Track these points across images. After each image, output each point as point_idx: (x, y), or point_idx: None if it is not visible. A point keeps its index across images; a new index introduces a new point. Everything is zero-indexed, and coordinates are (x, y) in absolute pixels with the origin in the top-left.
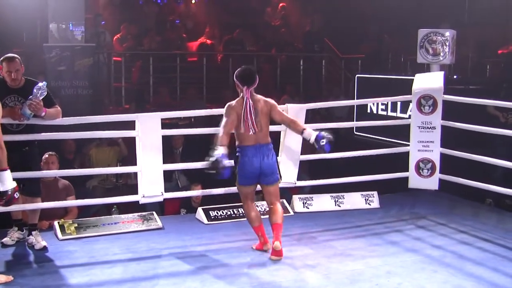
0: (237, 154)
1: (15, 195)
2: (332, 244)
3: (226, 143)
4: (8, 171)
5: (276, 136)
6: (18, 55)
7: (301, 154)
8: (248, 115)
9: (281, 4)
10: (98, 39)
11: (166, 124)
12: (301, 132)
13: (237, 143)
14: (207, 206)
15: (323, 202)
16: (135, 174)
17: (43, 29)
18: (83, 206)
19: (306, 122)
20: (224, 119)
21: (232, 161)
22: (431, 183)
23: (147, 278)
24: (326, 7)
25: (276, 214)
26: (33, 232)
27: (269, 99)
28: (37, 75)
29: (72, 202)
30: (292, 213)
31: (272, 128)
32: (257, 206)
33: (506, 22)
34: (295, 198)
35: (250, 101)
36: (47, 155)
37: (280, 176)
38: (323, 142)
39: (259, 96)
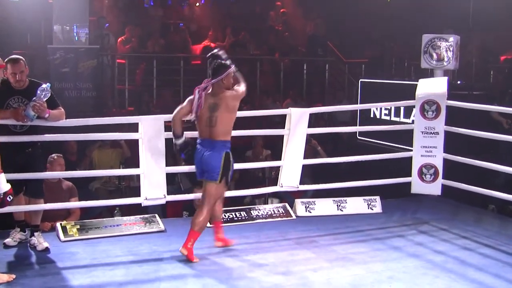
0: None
1: (7, 198)
2: (334, 248)
3: (179, 131)
4: (3, 174)
5: (279, 140)
6: (22, 57)
7: (304, 158)
8: (195, 101)
9: (282, 10)
10: (102, 41)
11: (170, 126)
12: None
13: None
14: None
15: (326, 207)
16: (138, 176)
17: (47, 31)
18: (86, 207)
19: (309, 126)
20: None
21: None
22: (434, 188)
23: (149, 280)
24: (330, 12)
25: (196, 218)
26: (35, 233)
27: (233, 91)
28: (41, 76)
29: (74, 204)
30: (294, 217)
31: (276, 131)
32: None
33: (510, 29)
34: (298, 202)
35: (200, 91)
36: (55, 157)
37: (220, 180)
38: None
39: (228, 92)
